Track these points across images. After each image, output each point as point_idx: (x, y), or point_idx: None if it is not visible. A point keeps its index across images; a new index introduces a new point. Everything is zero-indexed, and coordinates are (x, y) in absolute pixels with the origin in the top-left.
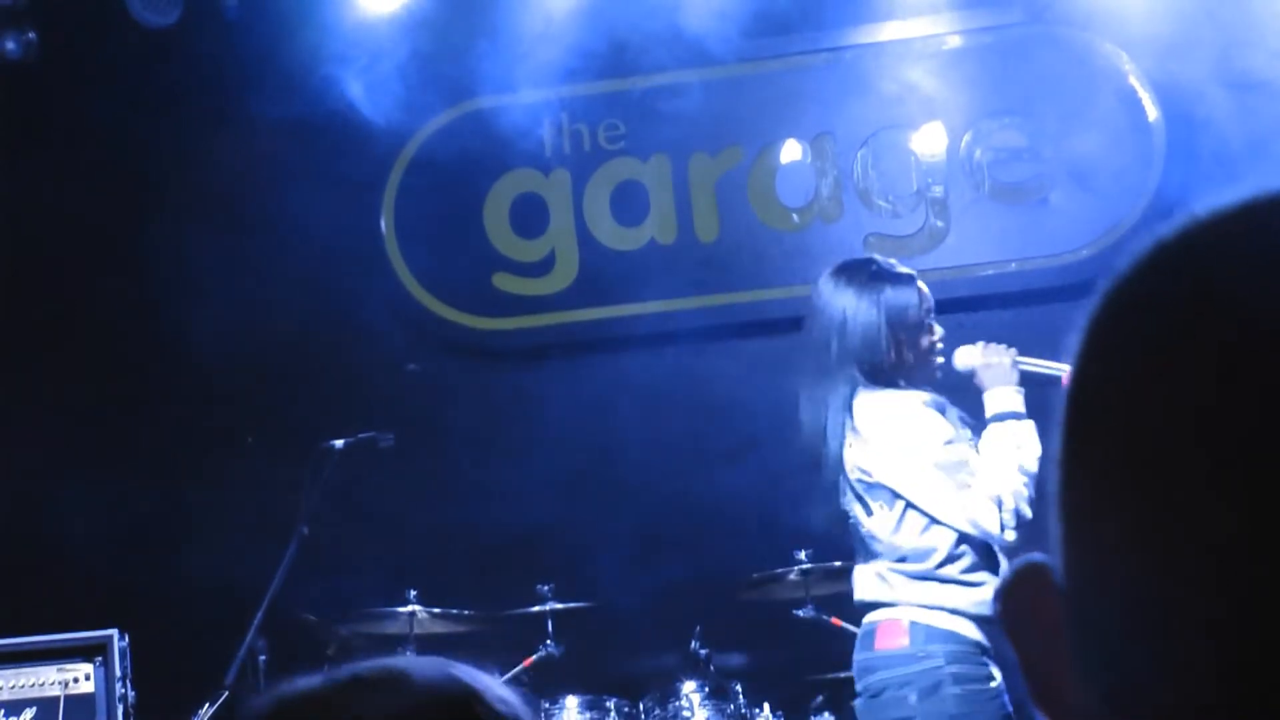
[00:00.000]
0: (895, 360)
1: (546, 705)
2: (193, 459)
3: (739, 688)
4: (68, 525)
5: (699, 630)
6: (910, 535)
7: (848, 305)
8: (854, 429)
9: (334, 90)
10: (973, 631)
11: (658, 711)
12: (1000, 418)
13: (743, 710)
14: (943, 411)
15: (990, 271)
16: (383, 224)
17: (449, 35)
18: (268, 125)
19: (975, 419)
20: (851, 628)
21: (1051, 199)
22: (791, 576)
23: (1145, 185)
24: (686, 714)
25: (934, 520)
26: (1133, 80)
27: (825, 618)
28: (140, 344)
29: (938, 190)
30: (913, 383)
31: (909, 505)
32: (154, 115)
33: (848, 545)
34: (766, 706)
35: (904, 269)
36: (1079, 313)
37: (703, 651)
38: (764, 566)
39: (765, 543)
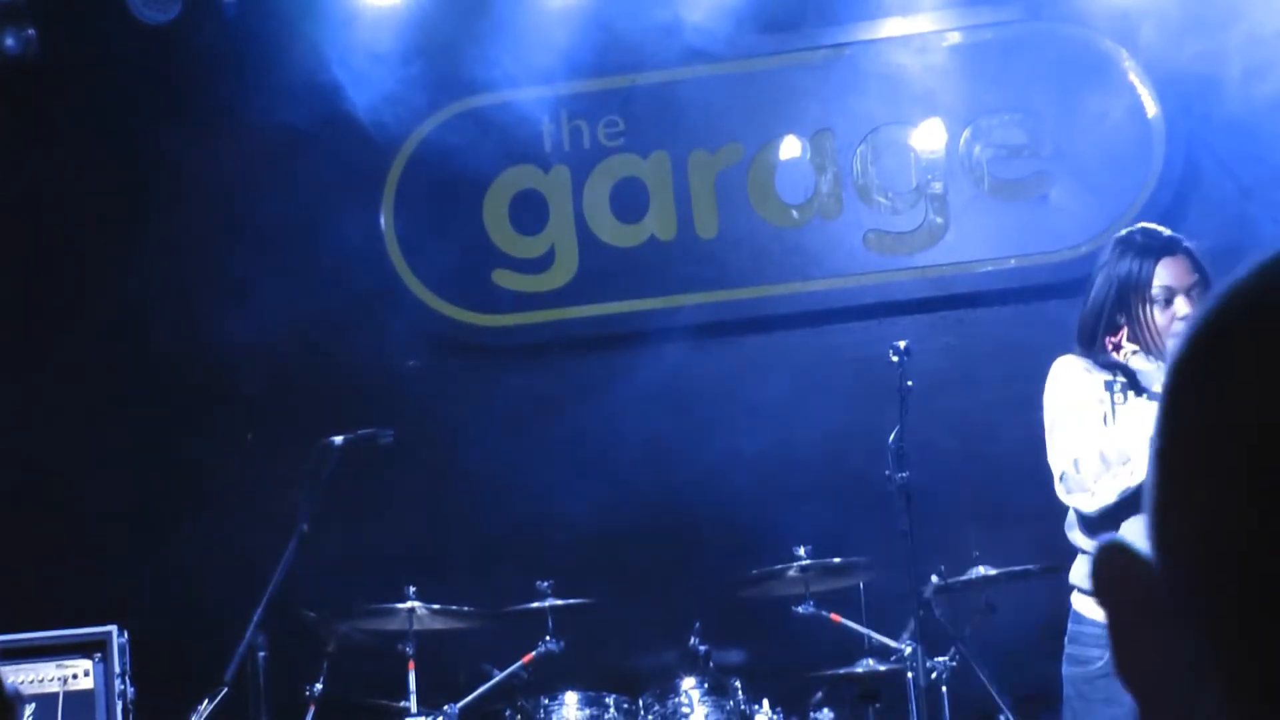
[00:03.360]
0: (1109, 331)
1: (546, 701)
2: (192, 456)
3: (738, 684)
4: (67, 522)
5: (698, 626)
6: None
7: (1095, 277)
8: None
9: (333, 86)
10: (1085, 608)
11: (657, 708)
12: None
13: (742, 707)
14: (1123, 383)
15: (989, 268)
16: (382, 220)
17: (449, 31)
18: (267, 121)
19: None
20: (851, 624)
21: (1051, 195)
22: (791, 573)
23: (1145, 181)
24: (686, 710)
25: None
26: (1132, 77)
27: (825, 614)
28: (138, 341)
29: (937, 186)
30: (1145, 351)
31: None
32: (153, 111)
33: (847, 542)
34: (766, 703)
35: (1162, 236)
36: (1075, 309)
37: (702, 648)
38: (763, 563)
39: (764, 539)
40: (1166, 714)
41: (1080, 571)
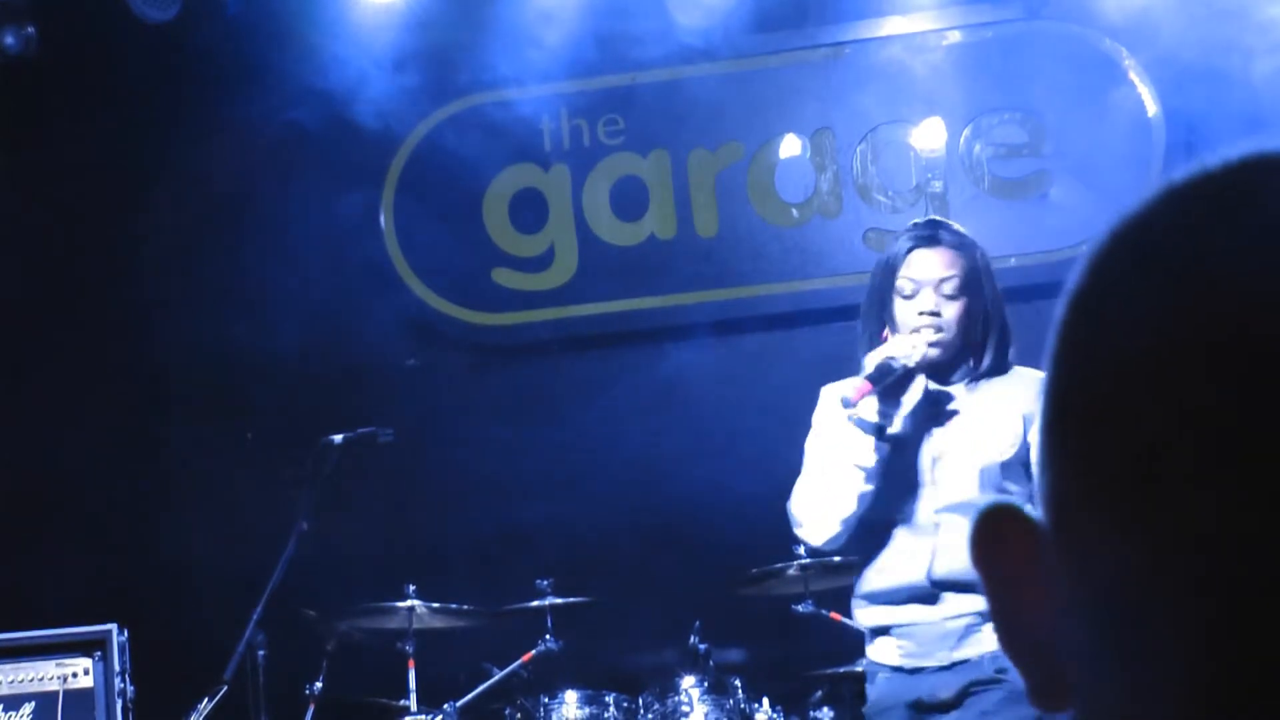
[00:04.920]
0: (878, 326)
1: (546, 700)
2: (193, 455)
3: (738, 683)
4: (67, 520)
5: (698, 625)
6: None
7: None
8: None
9: (333, 85)
10: (871, 651)
11: (657, 706)
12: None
13: (742, 705)
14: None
15: None
16: (382, 219)
17: (449, 30)
18: (266, 120)
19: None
20: (850, 623)
21: (1051, 194)
22: (791, 571)
23: (1145, 180)
24: (685, 709)
25: None
26: (1132, 75)
27: (824, 613)
28: (138, 340)
29: (937, 185)
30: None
31: None
32: (153, 110)
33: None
34: (766, 701)
35: (928, 226)
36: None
37: (702, 646)
38: (763, 561)
39: (764, 537)
40: (1055, 691)
41: (859, 615)
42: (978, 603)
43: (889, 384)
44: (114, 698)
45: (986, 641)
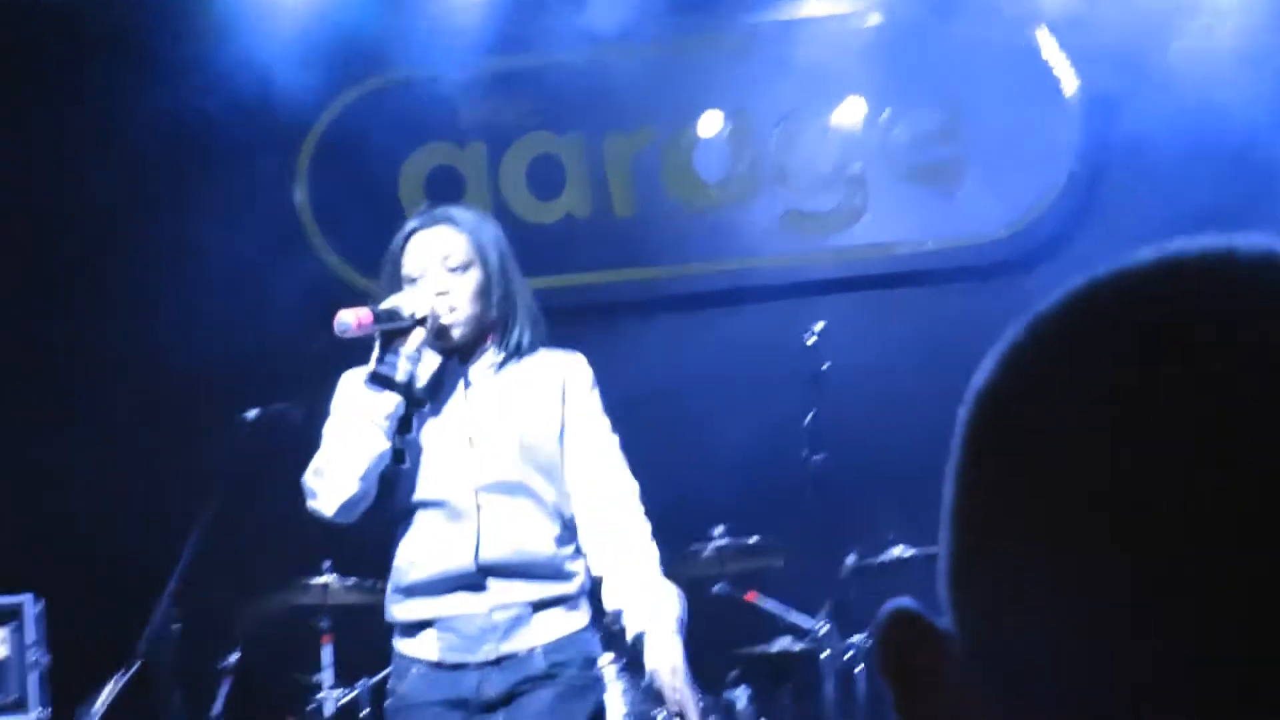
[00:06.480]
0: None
1: None
2: (112, 428)
3: None
4: None
5: None
6: None
7: None
8: None
9: (242, 67)
10: (399, 645)
11: None
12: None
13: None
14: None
15: (907, 250)
16: (297, 199)
17: (363, 6)
18: (173, 103)
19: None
20: (765, 604)
21: (968, 179)
22: (706, 553)
23: (1063, 163)
24: (601, 686)
25: None
26: (1051, 56)
27: (739, 594)
28: (57, 325)
29: (855, 168)
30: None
31: None
32: (54, 96)
33: (764, 521)
34: None
35: (423, 215)
36: (992, 293)
37: (619, 626)
38: (679, 543)
39: (680, 519)
40: None
41: (394, 610)
42: (526, 591)
43: (392, 330)
44: (28, 668)
45: (537, 634)
